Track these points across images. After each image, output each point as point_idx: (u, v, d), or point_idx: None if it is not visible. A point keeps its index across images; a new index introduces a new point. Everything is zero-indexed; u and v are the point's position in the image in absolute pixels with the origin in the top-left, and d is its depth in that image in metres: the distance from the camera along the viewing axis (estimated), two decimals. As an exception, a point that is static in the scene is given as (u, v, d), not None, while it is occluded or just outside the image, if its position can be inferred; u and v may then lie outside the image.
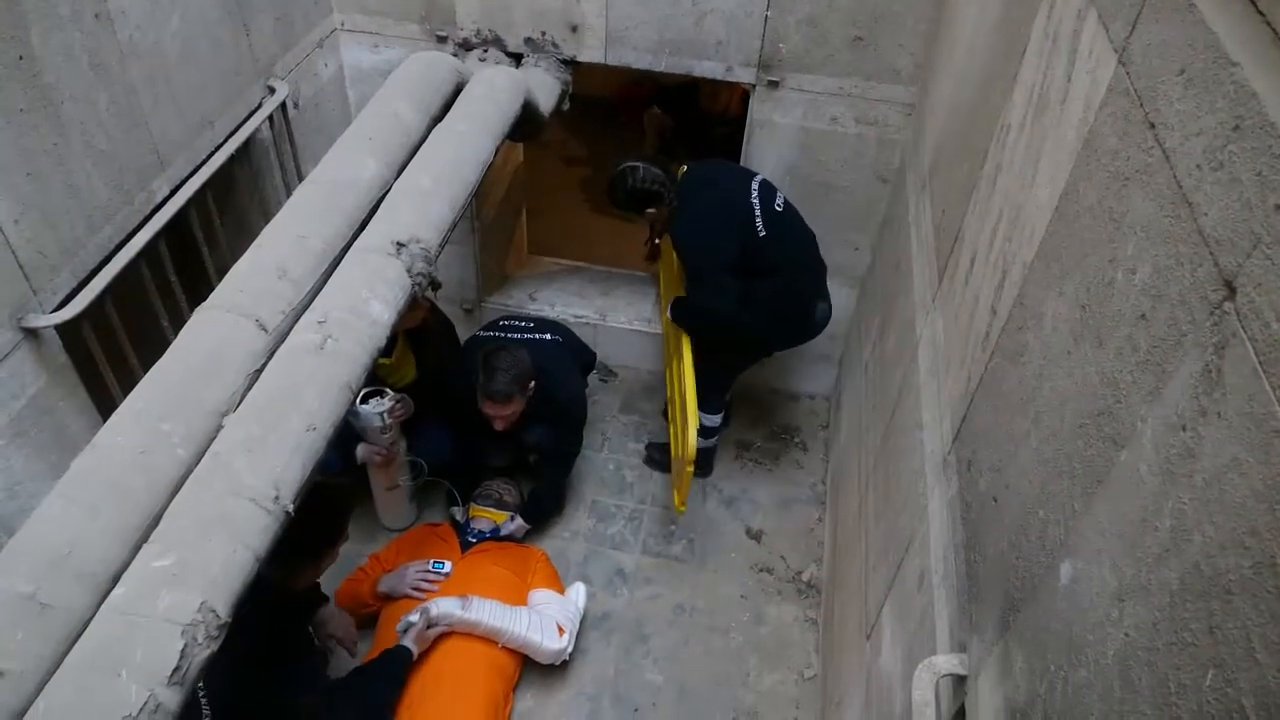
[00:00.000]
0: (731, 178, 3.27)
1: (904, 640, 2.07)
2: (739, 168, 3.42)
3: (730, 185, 3.22)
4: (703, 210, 3.14)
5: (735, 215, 3.12)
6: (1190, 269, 1.01)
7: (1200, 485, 0.92)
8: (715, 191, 3.21)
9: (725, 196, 3.18)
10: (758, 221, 3.12)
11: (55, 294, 2.20)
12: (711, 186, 3.23)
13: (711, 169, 3.36)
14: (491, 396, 3.03)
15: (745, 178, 3.25)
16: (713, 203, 3.17)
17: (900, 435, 2.50)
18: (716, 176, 3.29)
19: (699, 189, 3.21)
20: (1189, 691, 0.88)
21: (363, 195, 2.08)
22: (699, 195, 3.19)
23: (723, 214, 3.13)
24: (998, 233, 1.86)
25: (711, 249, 3.12)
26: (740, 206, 3.13)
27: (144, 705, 1.19)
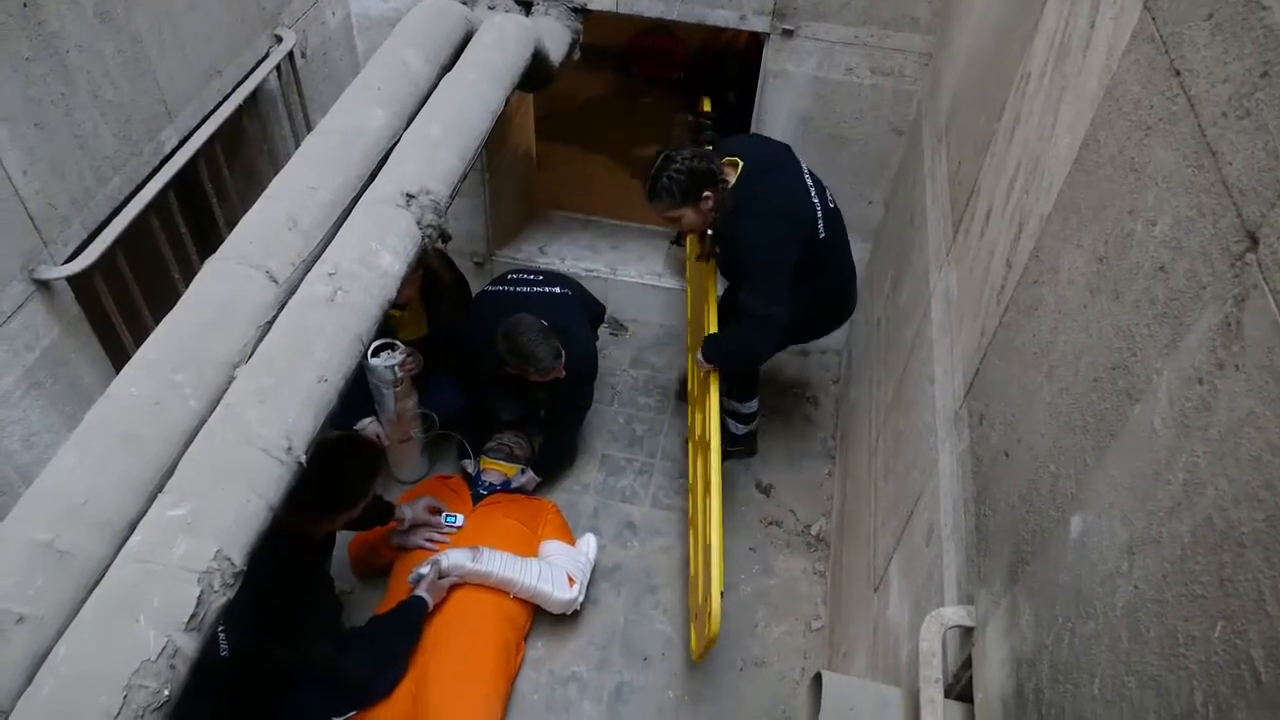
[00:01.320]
0: (784, 165, 2.97)
1: (911, 593, 2.09)
2: (778, 146, 3.10)
3: (788, 176, 2.93)
4: (767, 204, 2.83)
5: (800, 214, 2.86)
6: (1212, 220, 0.99)
7: (1215, 439, 0.92)
8: (779, 184, 2.90)
9: (789, 192, 2.89)
10: (820, 224, 2.88)
11: (66, 246, 2.20)
12: (771, 176, 2.90)
13: (756, 149, 3.01)
14: (547, 370, 3.07)
15: (795, 167, 2.97)
16: (778, 196, 2.87)
17: (912, 389, 2.49)
18: (771, 161, 2.95)
19: (758, 177, 2.86)
20: (1198, 643, 0.89)
21: (372, 146, 2.06)
22: (759, 185, 2.85)
23: (790, 211, 2.85)
24: (1015, 184, 1.84)
25: (782, 247, 2.81)
26: (804, 206, 2.88)
27: (162, 650, 1.22)
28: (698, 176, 2.76)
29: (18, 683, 1.18)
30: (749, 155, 2.89)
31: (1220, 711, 0.83)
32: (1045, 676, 1.25)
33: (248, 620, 2.26)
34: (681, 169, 2.74)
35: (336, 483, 2.38)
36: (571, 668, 3.11)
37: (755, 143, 3.13)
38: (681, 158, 2.75)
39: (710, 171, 2.77)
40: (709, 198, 2.80)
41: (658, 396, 4.05)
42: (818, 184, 2.96)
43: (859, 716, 1.59)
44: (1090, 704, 1.09)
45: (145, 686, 1.18)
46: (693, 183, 2.76)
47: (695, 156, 2.76)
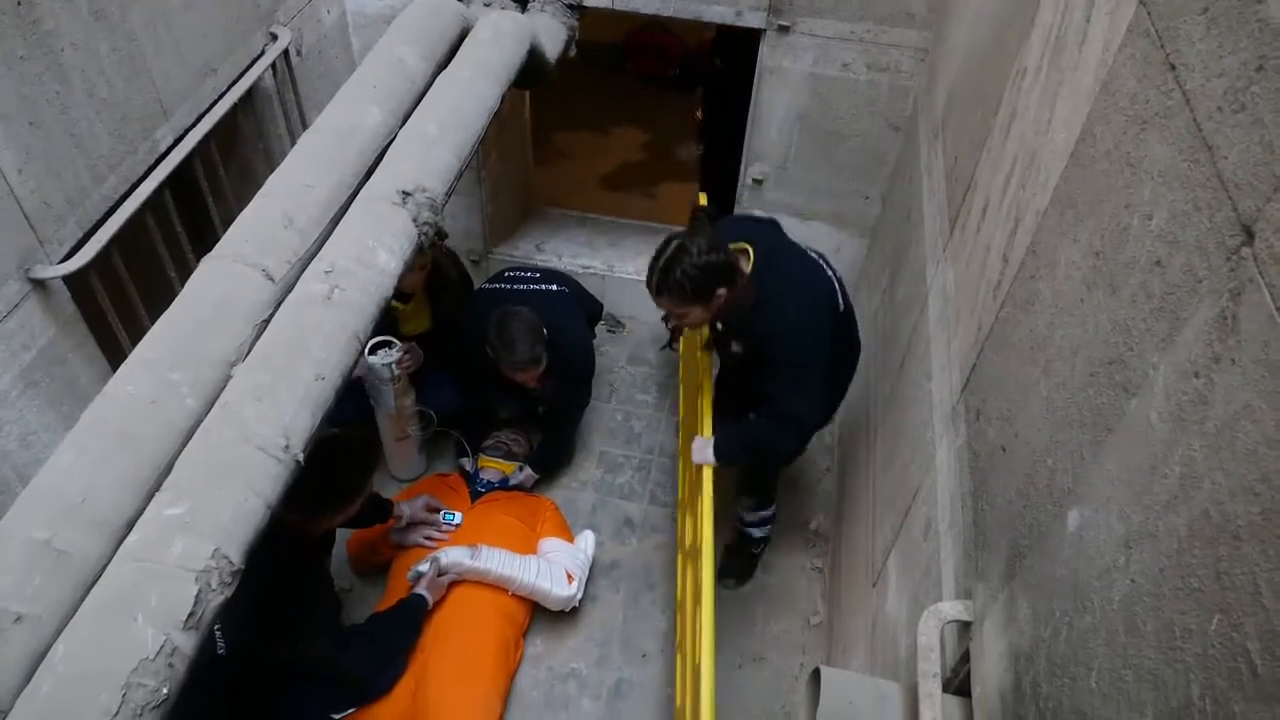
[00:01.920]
0: (790, 244, 2.70)
1: (910, 588, 2.09)
2: (770, 223, 2.84)
3: (800, 257, 2.65)
4: (794, 294, 2.52)
5: (825, 296, 2.58)
6: (1208, 214, 1.00)
7: (1211, 432, 0.92)
8: (798, 268, 2.61)
9: (810, 275, 2.61)
10: (838, 296, 2.61)
11: (62, 245, 2.19)
12: (788, 261, 2.61)
13: (759, 232, 2.70)
14: (520, 367, 3.04)
15: (794, 244, 2.71)
16: (802, 283, 2.57)
17: (909, 385, 2.50)
18: (779, 244, 2.68)
19: (776, 264, 2.57)
20: (1194, 636, 0.89)
21: (368, 143, 2.06)
22: (781, 273, 2.55)
23: (817, 296, 2.56)
24: (1011, 179, 1.84)
25: (817, 339, 2.51)
26: (825, 286, 2.60)
27: (160, 648, 1.21)
28: (714, 272, 2.41)
29: (17, 681, 1.18)
30: (758, 240, 2.60)
31: (1217, 704, 0.83)
32: (1043, 670, 1.25)
33: (246, 618, 2.26)
34: (697, 264, 2.39)
35: (333, 480, 2.38)
36: (570, 664, 3.11)
37: (752, 224, 2.86)
38: (697, 249, 2.39)
39: (728, 267, 2.44)
40: (723, 295, 2.46)
41: (655, 393, 4.05)
42: (819, 253, 2.76)
43: (858, 711, 1.59)
44: (1088, 697, 1.10)
45: (144, 685, 1.18)
46: (708, 279, 2.41)
47: (712, 249, 2.41)
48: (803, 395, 2.52)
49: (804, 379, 2.51)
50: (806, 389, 2.52)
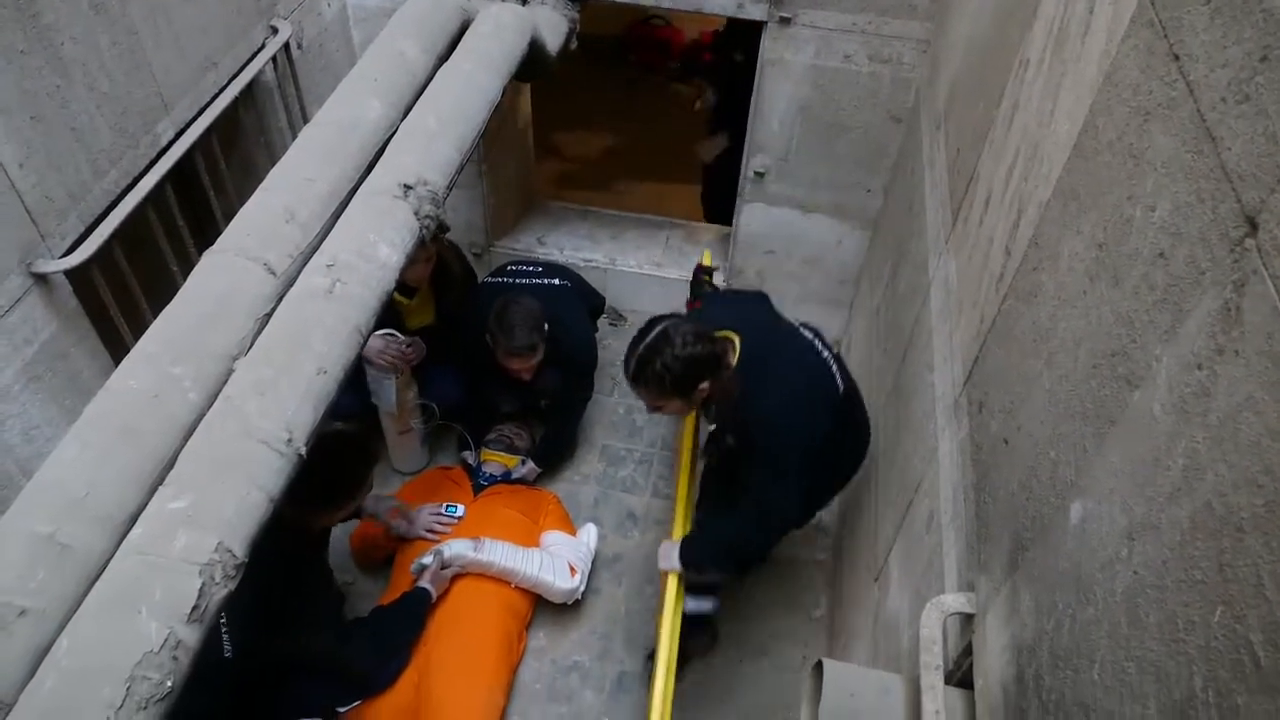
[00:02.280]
0: (781, 326, 2.52)
1: (912, 580, 2.09)
2: (758, 300, 2.68)
3: (791, 339, 2.46)
4: (784, 385, 2.32)
5: (819, 382, 2.39)
6: (1211, 205, 0.99)
7: (1214, 424, 0.92)
8: (789, 354, 2.42)
9: (802, 360, 2.42)
10: (836, 379, 2.42)
11: (63, 239, 2.19)
12: (778, 347, 2.42)
13: (746, 315, 2.53)
14: (515, 352, 3.03)
15: (789, 324, 2.53)
16: (793, 372, 2.37)
17: (911, 378, 2.49)
18: (769, 328, 2.50)
19: (765, 353, 2.37)
20: (1197, 628, 0.89)
21: (368, 137, 2.06)
22: (770, 363, 2.35)
23: (810, 385, 2.37)
24: (1014, 171, 1.83)
25: (807, 433, 2.30)
26: (820, 372, 2.41)
27: (165, 642, 1.22)
28: (697, 365, 2.24)
29: (21, 675, 1.18)
30: (746, 326, 2.41)
31: (1220, 696, 0.83)
32: (1045, 662, 1.25)
33: (249, 615, 2.27)
34: (680, 355, 2.21)
35: (334, 476, 2.38)
36: (573, 657, 3.12)
37: (740, 305, 2.68)
38: (681, 339, 2.21)
39: (713, 358, 2.26)
40: (705, 388, 2.29)
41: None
42: (813, 330, 2.54)
43: (860, 704, 1.59)
44: (1090, 689, 1.10)
45: (148, 678, 1.18)
46: (690, 372, 2.24)
47: (697, 339, 2.23)
48: (780, 487, 2.33)
49: (783, 470, 2.32)
50: (784, 481, 2.33)
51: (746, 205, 3.82)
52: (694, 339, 2.23)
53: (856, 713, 1.59)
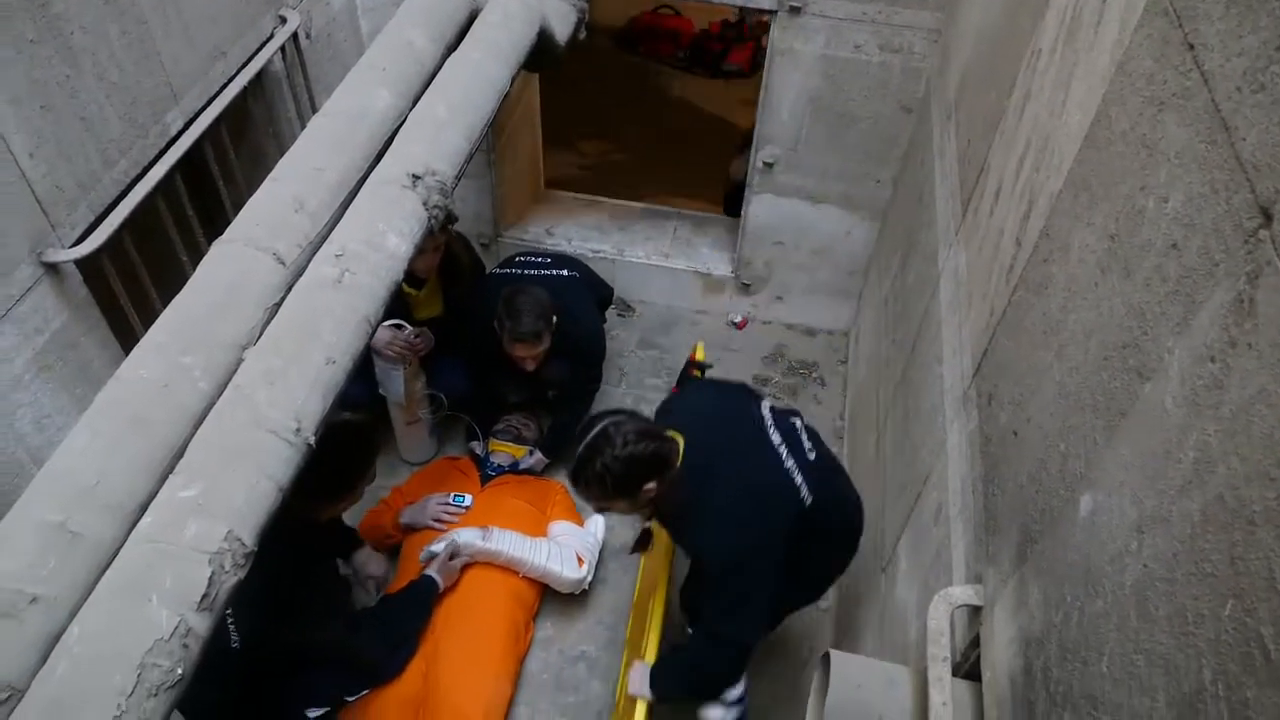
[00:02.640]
0: (740, 431, 2.27)
1: (919, 572, 2.09)
2: (732, 395, 2.45)
3: (750, 447, 2.22)
4: (727, 499, 2.13)
5: (773, 497, 2.16)
6: (1225, 196, 0.98)
7: (1227, 417, 0.91)
8: (740, 463, 2.19)
9: (755, 472, 2.19)
10: (802, 491, 2.17)
11: (73, 229, 2.20)
12: (728, 453, 2.20)
13: (704, 412, 2.35)
14: (521, 339, 3.03)
15: (754, 426, 2.27)
16: (738, 485, 2.14)
17: (920, 370, 2.49)
18: (724, 431, 2.27)
19: (710, 459, 2.17)
20: (1207, 621, 0.88)
21: (377, 126, 2.06)
22: (714, 471, 2.15)
23: (759, 501, 2.14)
24: (1025, 162, 1.82)
25: (752, 554, 2.11)
26: (776, 483, 2.17)
27: (175, 629, 1.22)
28: (639, 465, 2.07)
29: (32, 662, 1.19)
30: (699, 426, 2.23)
31: (1229, 689, 0.83)
32: (1054, 655, 1.25)
33: (257, 607, 2.28)
34: (620, 455, 2.04)
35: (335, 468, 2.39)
36: (580, 647, 3.12)
37: (707, 400, 2.49)
38: (622, 438, 2.04)
39: (657, 458, 2.09)
40: (651, 489, 2.11)
41: (665, 377, 4.05)
42: (787, 431, 2.29)
43: (867, 695, 1.59)
44: (1099, 682, 1.09)
45: (159, 665, 1.19)
46: (631, 473, 2.07)
47: (640, 437, 2.07)
48: (734, 615, 2.15)
49: (732, 602, 2.14)
50: (739, 608, 2.14)
51: (755, 196, 3.81)
52: (635, 437, 2.06)
53: (864, 704, 1.59)
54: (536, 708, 2.97)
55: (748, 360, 4.14)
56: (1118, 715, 1.03)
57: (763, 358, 4.16)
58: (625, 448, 2.05)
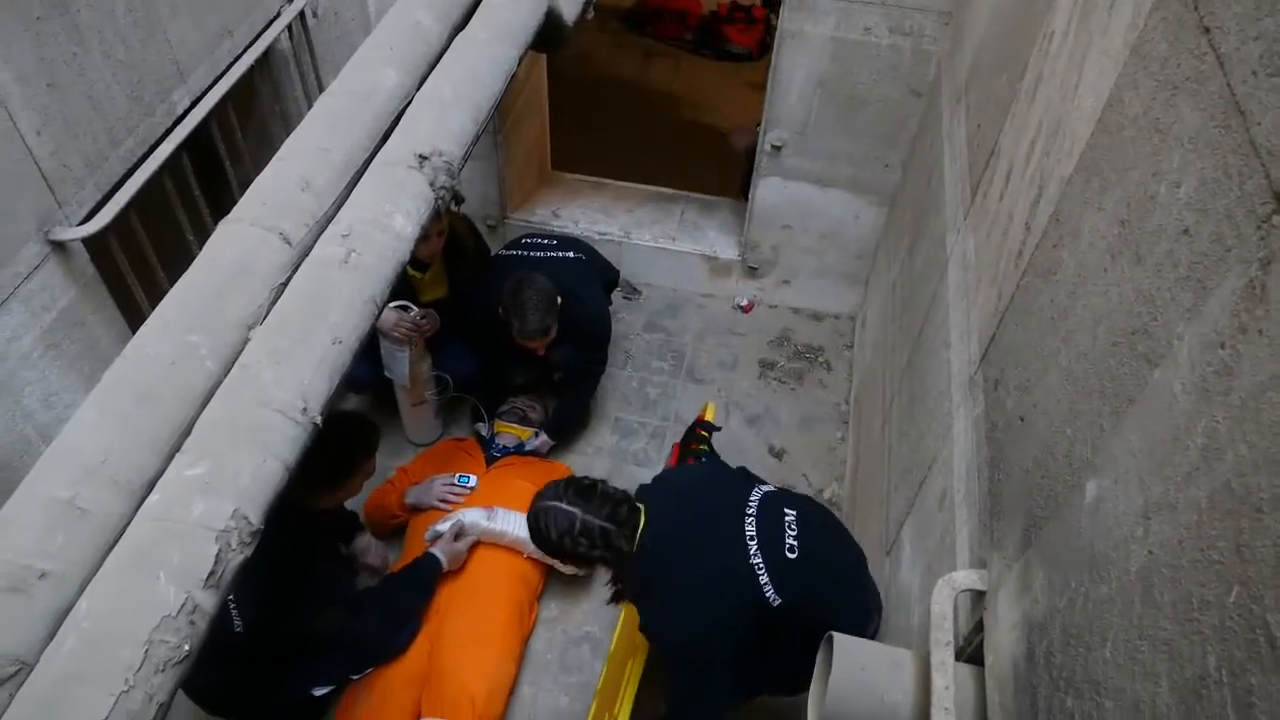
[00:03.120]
0: (721, 510, 2.18)
1: (923, 557, 2.10)
2: (728, 476, 2.40)
3: (710, 538, 2.13)
4: (678, 585, 2.08)
5: (729, 590, 2.07)
6: (1238, 181, 0.98)
7: (1236, 404, 0.91)
8: (695, 551, 2.11)
9: (711, 562, 2.10)
10: (766, 590, 2.06)
11: (81, 207, 2.20)
12: (685, 541, 2.13)
13: (691, 488, 2.32)
14: (530, 336, 3.06)
15: (739, 509, 2.18)
16: (690, 573, 2.08)
17: (927, 355, 2.48)
18: (686, 516, 2.19)
19: (665, 544, 2.11)
20: (1212, 607, 0.88)
21: (384, 106, 2.05)
22: (667, 555, 2.10)
23: (711, 592, 2.07)
24: (1036, 146, 1.81)
25: (701, 642, 2.06)
26: (734, 578, 2.07)
27: (182, 606, 1.23)
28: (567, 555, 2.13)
29: (41, 636, 1.20)
30: (667, 506, 2.18)
31: (1234, 675, 0.83)
32: (1057, 640, 1.25)
33: (259, 592, 2.30)
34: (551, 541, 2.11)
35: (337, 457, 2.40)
36: (584, 628, 3.14)
37: (689, 480, 2.46)
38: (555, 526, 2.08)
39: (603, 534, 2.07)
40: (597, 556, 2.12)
41: (671, 360, 4.05)
42: (771, 523, 2.16)
43: (870, 678, 1.60)
44: (1102, 667, 1.10)
45: (166, 641, 1.20)
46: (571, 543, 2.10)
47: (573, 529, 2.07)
48: (689, 701, 2.13)
49: (690, 682, 2.11)
50: (694, 695, 2.11)
51: (763, 179, 3.79)
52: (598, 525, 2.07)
53: (867, 686, 1.59)
54: (540, 687, 2.99)
55: (754, 344, 4.13)
56: (1120, 700, 1.03)
57: (768, 342, 4.15)
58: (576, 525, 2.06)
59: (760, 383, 3.98)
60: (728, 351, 4.11)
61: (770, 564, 2.08)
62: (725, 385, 3.96)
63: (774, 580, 2.06)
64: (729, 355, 4.09)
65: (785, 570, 2.08)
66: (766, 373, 4.02)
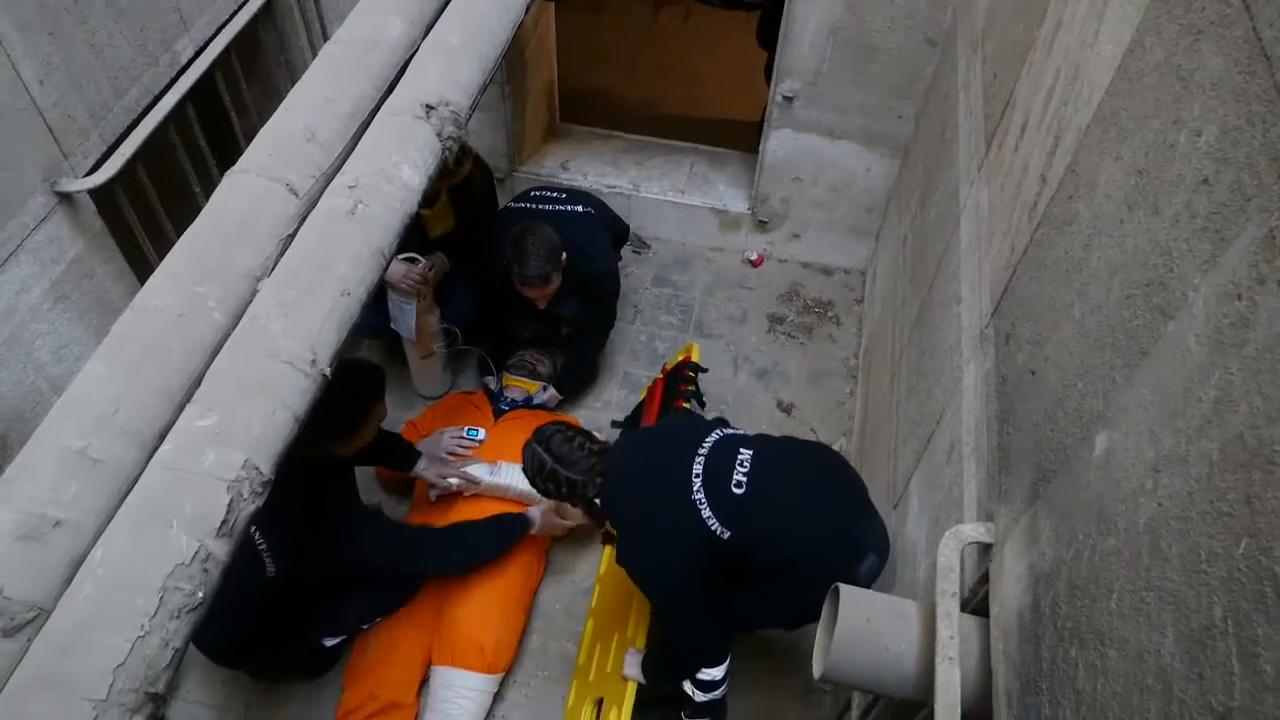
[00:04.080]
0: (677, 451, 2.30)
1: (931, 510, 2.10)
2: (696, 422, 2.52)
3: (672, 469, 2.26)
4: (630, 520, 2.27)
5: (680, 520, 2.19)
6: (1261, 129, 0.95)
7: (1251, 356, 0.90)
8: (639, 490, 2.28)
9: (661, 495, 2.25)
10: (711, 523, 2.18)
11: (86, 158, 2.19)
12: (634, 480, 2.29)
13: (658, 434, 2.52)
14: (529, 282, 3.04)
15: (689, 450, 2.28)
16: (649, 505, 2.25)
17: (937, 309, 2.46)
18: (660, 453, 2.36)
19: (618, 486, 2.28)
20: (1220, 559, 0.88)
21: (390, 55, 2.01)
22: (630, 499, 2.28)
23: (665, 523, 2.22)
24: (1053, 95, 1.77)
25: (668, 572, 2.24)
26: (682, 506, 2.19)
27: (195, 554, 1.25)
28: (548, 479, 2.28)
29: (57, 583, 1.21)
30: (624, 454, 2.36)
31: (1239, 626, 0.83)
32: (1063, 591, 1.26)
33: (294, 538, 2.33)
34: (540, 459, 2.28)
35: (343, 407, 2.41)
36: (591, 579, 3.17)
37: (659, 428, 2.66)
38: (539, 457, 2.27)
39: (570, 483, 2.26)
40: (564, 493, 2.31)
41: (679, 315, 4.04)
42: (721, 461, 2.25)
43: (876, 628, 1.62)
44: (1107, 618, 1.10)
45: (180, 589, 1.22)
46: (545, 478, 2.30)
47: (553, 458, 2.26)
48: (681, 624, 2.31)
49: (670, 608, 2.31)
50: (683, 618, 2.29)
51: (774, 131, 3.74)
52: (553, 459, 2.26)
53: (872, 637, 1.61)
54: (549, 637, 3.04)
55: (763, 299, 4.12)
56: (1124, 650, 1.04)
57: (778, 296, 4.13)
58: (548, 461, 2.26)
59: (769, 337, 3.97)
60: (737, 306, 4.09)
61: (713, 499, 2.19)
62: (734, 340, 3.95)
63: (718, 514, 2.18)
64: (738, 310, 4.08)
65: (731, 505, 2.19)
66: (775, 327, 4.01)
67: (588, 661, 2.86)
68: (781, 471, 2.31)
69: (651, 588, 2.33)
